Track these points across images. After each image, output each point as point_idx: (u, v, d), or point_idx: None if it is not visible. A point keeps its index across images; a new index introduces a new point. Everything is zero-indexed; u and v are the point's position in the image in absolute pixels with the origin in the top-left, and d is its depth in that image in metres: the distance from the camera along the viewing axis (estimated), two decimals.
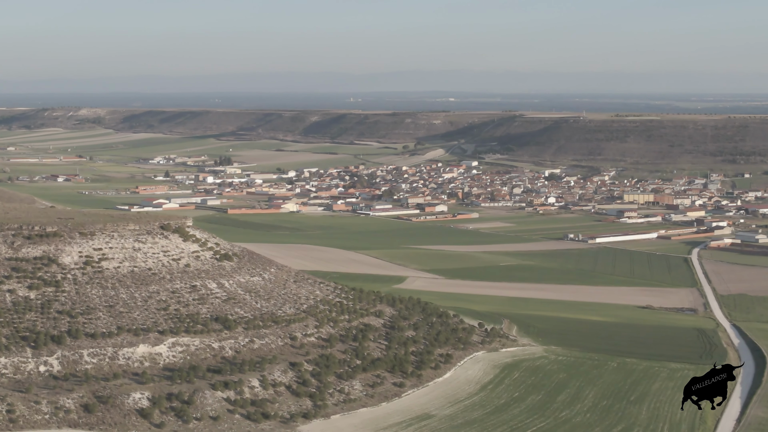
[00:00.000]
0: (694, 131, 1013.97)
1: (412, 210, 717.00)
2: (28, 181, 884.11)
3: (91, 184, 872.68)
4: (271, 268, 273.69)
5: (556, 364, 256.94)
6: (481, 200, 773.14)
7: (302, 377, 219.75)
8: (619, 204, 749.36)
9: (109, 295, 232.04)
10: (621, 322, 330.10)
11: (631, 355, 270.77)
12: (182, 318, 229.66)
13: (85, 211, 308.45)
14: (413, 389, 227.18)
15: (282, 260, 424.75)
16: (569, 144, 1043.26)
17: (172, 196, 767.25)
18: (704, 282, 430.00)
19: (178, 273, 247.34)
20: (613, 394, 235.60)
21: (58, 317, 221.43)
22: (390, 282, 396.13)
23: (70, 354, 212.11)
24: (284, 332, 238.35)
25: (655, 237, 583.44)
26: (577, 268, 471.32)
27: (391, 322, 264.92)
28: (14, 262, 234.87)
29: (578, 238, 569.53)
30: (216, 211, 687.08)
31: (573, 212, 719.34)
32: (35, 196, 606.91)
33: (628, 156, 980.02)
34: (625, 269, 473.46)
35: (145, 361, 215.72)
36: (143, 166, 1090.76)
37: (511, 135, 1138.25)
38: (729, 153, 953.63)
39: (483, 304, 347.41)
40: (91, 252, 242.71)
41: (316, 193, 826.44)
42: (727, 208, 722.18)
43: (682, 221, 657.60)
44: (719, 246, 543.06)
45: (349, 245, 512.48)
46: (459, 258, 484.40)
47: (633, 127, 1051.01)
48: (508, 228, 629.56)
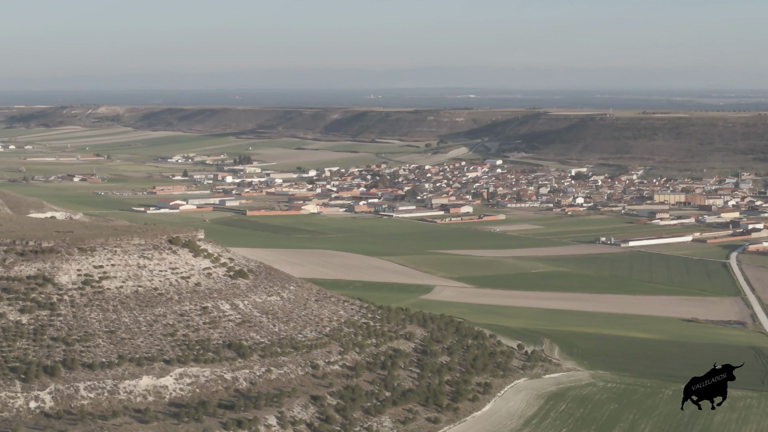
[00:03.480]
0: (724, 129, 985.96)
1: (436, 211, 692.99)
2: (44, 180, 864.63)
3: (108, 185, 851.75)
4: (291, 285, 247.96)
5: (606, 392, 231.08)
6: (507, 200, 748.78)
7: (325, 413, 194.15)
8: (649, 204, 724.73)
9: (110, 319, 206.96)
10: (669, 340, 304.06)
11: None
12: (191, 345, 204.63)
13: (86, 223, 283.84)
14: (449, 425, 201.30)
15: (302, 268, 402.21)
16: (596, 142, 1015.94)
17: (190, 196, 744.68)
18: (747, 290, 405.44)
19: (187, 293, 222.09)
20: (672, 428, 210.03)
21: (53, 345, 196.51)
22: (416, 292, 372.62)
23: (65, 388, 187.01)
24: (305, 360, 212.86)
25: (690, 240, 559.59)
26: (613, 275, 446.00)
27: (423, 345, 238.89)
28: (5, 281, 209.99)
29: (610, 241, 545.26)
30: (234, 213, 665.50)
31: (602, 213, 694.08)
32: (48, 197, 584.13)
33: (657, 154, 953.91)
34: (663, 276, 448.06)
35: (148, 396, 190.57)
36: (161, 165, 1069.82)
37: (535, 133, 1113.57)
38: (760, 151, 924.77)
39: (518, 318, 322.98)
40: (91, 270, 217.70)
41: (338, 193, 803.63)
42: (762, 209, 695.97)
43: (717, 223, 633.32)
44: (758, 250, 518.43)
45: (372, 250, 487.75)
46: (488, 264, 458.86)
47: (661, 124, 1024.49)
48: (537, 230, 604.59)
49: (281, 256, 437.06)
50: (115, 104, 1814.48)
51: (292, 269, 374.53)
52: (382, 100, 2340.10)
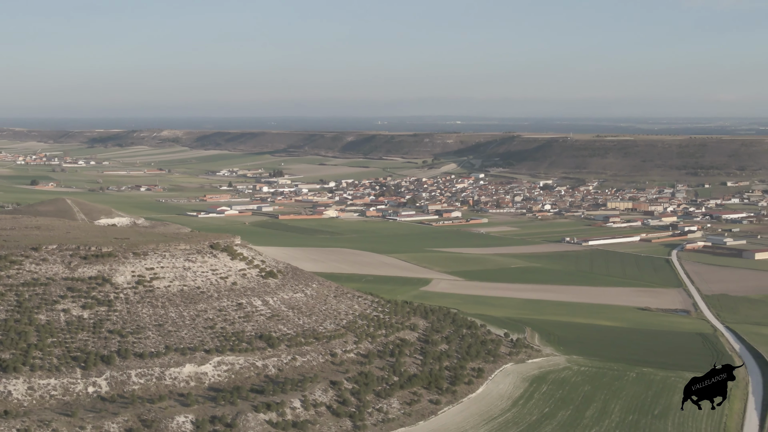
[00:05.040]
0: (662, 149, 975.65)
1: (432, 216, 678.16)
2: (116, 190, 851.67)
3: (167, 193, 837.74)
4: (313, 283, 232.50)
5: (580, 375, 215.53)
6: (488, 207, 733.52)
7: (342, 396, 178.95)
8: (603, 210, 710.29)
9: (159, 314, 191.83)
10: (629, 327, 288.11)
11: (647, 365, 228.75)
12: (228, 336, 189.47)
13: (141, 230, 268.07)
14: (448, 406, 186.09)
15: (323, 264, 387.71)
16: (559, 159, 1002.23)
17: (233, 203, 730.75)
18: (688, 282, 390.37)
19: (225, 291, 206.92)
20: (638, 408, 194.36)
21: (109, 337, 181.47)
22: (418, 284, 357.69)
23: (119, 374, 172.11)
24: (325, 349, 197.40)
25: (638, 240, 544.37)
26: (577, 270, 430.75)
27: (425, 335, 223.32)
28: (70, 281, 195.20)
29: (574, 241, 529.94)
30: (269, 217, 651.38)
31: (566, 217, 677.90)
32: (118, 204, 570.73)
33: (608, 169, 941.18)
34: (618, 270, 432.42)
35: (191, 381, 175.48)
36: (211, 177, 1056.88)
37: (511, 152, 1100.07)
38: (691, 167, 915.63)
39: (502, 308, 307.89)
40: (143, 271, 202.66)
41: (352, 200, 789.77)
42: (694, 214, 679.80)
43: (659, 225, 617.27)
44: (694, 248, 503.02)
45: (380, 248, 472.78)
46: (475, 260, 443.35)
47: (612, 145, 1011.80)
48: (514, 232, 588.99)
49: (306, 253, 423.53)
50: (174, 128, 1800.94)
51: (315, 265, 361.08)
52: (388, 125, 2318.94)
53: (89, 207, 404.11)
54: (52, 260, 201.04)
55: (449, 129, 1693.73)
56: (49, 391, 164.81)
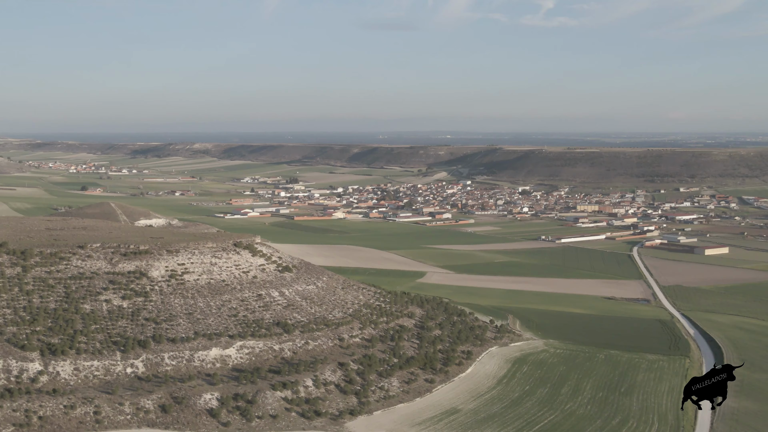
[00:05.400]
0: (624, 160, 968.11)
1: (426, 217, 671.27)
2: (154, 195, 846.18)
3: (198, 197, 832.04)
4: (323, 277, 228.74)
5: (556, 357, 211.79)
6: (474, 209, 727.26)
7: (349, 376, 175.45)
8: (573, 212, 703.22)
9: (189, 304, 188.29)
10: (597, 314, 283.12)
11: (613, 347, 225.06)
12: (249, 323, 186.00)
13: (174, 230, 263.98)
14: (441, 384, 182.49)
15: (332, 259, 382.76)
16: (535, 168, 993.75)
17: (255, 206, 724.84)
18: (647, 275, 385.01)
19: (246, 284, 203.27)
20: (607, 386, 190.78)
21: (145, 324, 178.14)
22: (414, 277, 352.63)
23: (153, 357, 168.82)
24: (334, 334, 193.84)
25: (603, 238, 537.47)
26: (552, 264, 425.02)
27: (421, 322, 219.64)
28: (111, 275, 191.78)
29: (548, 239, 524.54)
30: (286, 218, 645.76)
31: (542, 218, 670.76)
32: (155, 207, 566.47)
33: (577, 177, 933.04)
34: (586, 264, 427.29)
35: (216, 363, 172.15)
36: (236, 184, 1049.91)
37: (494, 162, 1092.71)
38: (649, 175, 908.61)
39: (487, 297, 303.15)
40: (175, 267, 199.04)
41: (357, 204, 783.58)
42: (652, 216, 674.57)
43: (621, 225, 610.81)
44: (652, 245, 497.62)
45: (382, 245, 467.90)
46: (464, 256, 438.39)
47: (580, 156, 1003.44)
48: (497, 231, 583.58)
49: (317, 250, 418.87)
50: (205, 142, 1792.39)
51: (325, 260, 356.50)
52: (388, 139, 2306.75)
53: (130, 209, 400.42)
54: (96, 257, 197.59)
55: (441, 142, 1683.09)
56: (92, 372, 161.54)
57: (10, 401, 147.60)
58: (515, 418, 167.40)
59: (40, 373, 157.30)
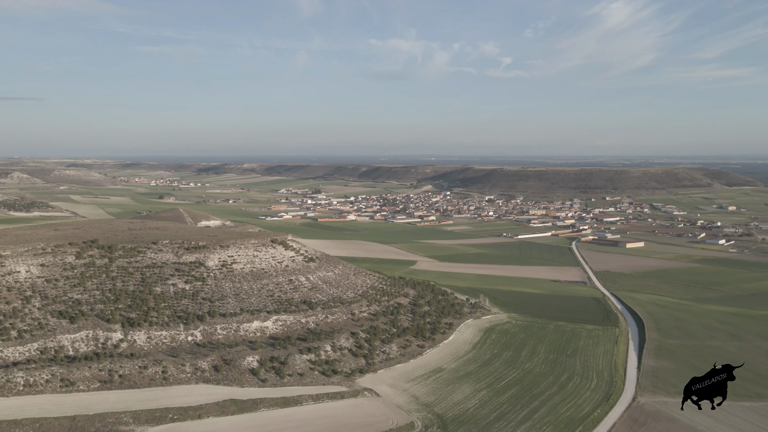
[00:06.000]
0: (564, 176, 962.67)
1: (416, 219, 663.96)
2: (214, 202, 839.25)
3: (246, 204, 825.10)
4: (339, 266, 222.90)
5: (517, 327, 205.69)
6: (453, 213, 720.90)
7: (359, 343, 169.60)
8: (527, 215, 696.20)
9: (236, 287, 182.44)
10: (547, 293, 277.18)
11: (560, 319, 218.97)
12: (282, 302, 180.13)
13: (226, 230, 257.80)
14: (430, 349, 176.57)
15: (346, 251, 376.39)
16: (498, 182, 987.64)
17: (289, 210, 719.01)
18: (583, 263, 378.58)
19: (281, 271, 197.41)
20: (556, 349, 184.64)
21: (202, 302, 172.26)
22: (408, 264, 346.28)
23: (208, 328, 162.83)
24: (347, 310, 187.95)
25: (549, 235, 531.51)
26: (512, 254, 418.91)
27: (414, 300, 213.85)
28: (178, 265, 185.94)
29: (509, 235, 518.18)
30: (311, 220, 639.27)
31: (503, 220, 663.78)
32: (214, 211, 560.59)
33: (529, 189, 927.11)
34: (536, 254, 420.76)
35: (257, 333, 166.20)
36: (274, 194, 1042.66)
37: (467, 178, 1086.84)
38: (582, 188, 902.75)
39: (464, 280, 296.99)
40: (226, 258, 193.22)
41: (365, 209, 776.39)
42: (585, 218, 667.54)
43: (563, 225, 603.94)
44: (586, 240, 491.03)
45: (384, 240, 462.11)
46: (445, 248, 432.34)
47: (532, 173, 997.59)
48: (470, 229, 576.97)
49: (335, 244, 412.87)
50: (252, 162, 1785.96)
51: (340, 252, 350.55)
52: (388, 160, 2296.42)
53: (194, 213, 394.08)
54: (165, 250, 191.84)
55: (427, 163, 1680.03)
56: (161, 340, 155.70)
57: (98, 363, 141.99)
58: (487, 375, 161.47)
59: (120, 341, 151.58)
